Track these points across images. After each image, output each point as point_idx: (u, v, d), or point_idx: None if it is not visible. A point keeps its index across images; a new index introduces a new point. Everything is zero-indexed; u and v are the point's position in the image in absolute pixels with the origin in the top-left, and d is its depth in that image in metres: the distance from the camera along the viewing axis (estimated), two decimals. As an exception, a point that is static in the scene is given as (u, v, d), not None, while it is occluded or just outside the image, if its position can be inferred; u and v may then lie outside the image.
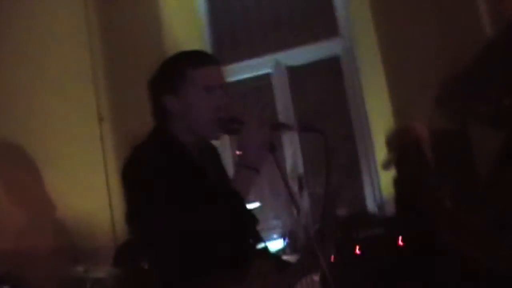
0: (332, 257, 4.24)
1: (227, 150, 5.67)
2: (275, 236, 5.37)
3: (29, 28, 5.26)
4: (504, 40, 3.37)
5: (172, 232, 2.49)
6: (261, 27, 6.20)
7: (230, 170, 3.06)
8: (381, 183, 5.59)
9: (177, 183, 2.53)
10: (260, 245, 2.82)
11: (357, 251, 4.54)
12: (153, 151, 2.66)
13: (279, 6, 6.20)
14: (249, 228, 2.73)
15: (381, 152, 5.28)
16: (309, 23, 6.06)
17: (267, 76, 6.19)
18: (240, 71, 6.18)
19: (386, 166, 4.97)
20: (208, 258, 2.51)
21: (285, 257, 4.49)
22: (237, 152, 2.71)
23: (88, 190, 5.36)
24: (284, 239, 5.27)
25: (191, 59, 2.79)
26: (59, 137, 5.23)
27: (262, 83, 6.20)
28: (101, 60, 5.82)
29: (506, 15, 2.46)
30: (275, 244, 5.20)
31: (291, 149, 5.85)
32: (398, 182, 4.80)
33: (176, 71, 2.75)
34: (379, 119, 5.57)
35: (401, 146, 4.74)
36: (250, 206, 4.32)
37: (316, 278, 3.65)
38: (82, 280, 4.42)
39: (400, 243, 4.40)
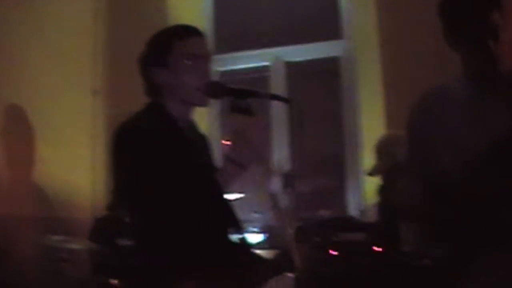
0: (308, 258, 4.47)
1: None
2: (255, 229, 5.39)
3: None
4: None
5: (155, 208, 2.56)
6: (265, 21, 6.28)
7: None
8: (365, 188, 5.65)
9: (164, 156, 2.60)
10: (239, 236, 2.81)
11: (334, 254, 4.53)
12: (142, 123, 2.73)
13: (286, 2, 6.30)
14: (228, 219, 2.77)
15: (369, 158, 5.20)
16: (313, 22, 6.15)
17: (265, 69, 6.26)
18: (239, 61, 6.27)
19: (372, 173, 4.84)
20: (183, 241, 2.57)
21: (262, 252, 4.23)
22: (225, 142, 2.72)
23: (72, 162, 5.41)
24: (263, 234, 5.29)
25: (177, 32, 2.88)
26: (50, 106, 5.26)
27: (259, 75, 6.25)
28: (104, 33, 5.88)
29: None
30: (254, 237, 5.21)
31: (279, 145, 5.88)
32: (384, 190, 4.71)
33: (163, 44, 2.85)
34: (371, 125, 5.62)
35: (391, 155, 4.53)
36: (233, 196, 4.26)
37: (290, 275, 3.90)
38: (56, 249, 4.43)
39: (378, 249, 4.38)
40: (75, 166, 5.45)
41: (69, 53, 5.55)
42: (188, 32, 2.88)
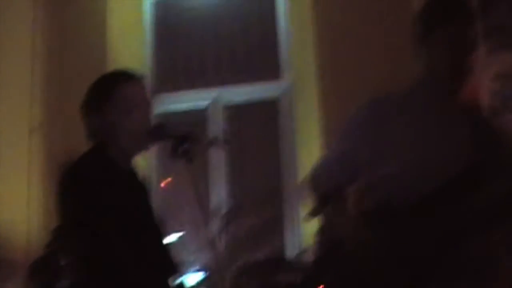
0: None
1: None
2: (194, 269, 5.25)
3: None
4: None
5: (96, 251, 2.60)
6: (204, 62, 6.28)
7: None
8: (302, 230, 5.61)
9: (106, 202, 2.62)
10: (176, 281, 2.87)
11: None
12: (87, 168, 2.71)
13: (224, 43, 6.29)
14: (165, 263, 2.83)
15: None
16: (252, 63, 6.17)
17: (203, 111, 6.22)
18: (177, 102, 6.23)
19: (310, 217, 4.85)
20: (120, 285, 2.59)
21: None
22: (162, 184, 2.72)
23: (7, 201, 5.35)
24: (202, 273, 5.18)
25: (116, 77, 2.89)
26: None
27: (197, 117, 6.18)
28: (42, 70, 5.80)
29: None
30: (193, 277, 5.11)
31: (217, 188, 5.89)
32: (321, 232, 4.73)
33: (102, 90, 2.85)
34: (310, 165, 5.49)
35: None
36: (174, 235, 4.56)
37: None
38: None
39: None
40: (10, 204, 5.38)
41: (6, 90, 5.56)
42: (127, 77, 2.88)
